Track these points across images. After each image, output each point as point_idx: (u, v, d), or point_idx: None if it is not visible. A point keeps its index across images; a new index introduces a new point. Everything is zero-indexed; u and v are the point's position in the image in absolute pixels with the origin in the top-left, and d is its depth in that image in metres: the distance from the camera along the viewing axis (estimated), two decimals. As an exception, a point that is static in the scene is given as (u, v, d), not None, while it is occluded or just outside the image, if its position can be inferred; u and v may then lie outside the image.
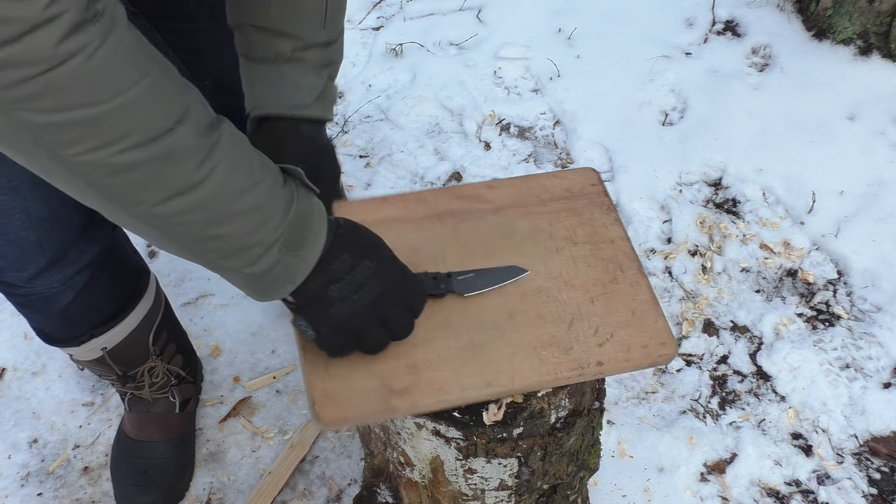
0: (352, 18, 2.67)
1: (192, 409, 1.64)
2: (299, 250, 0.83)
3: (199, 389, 1.71)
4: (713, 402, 1.67)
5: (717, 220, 1.98)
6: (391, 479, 1.26)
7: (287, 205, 0.82)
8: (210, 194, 0.75)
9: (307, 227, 0.84)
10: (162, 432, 1.56)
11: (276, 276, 0.84)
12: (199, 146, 0.74)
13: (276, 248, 0.81)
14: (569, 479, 1.20)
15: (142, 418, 1.56)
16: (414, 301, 0.94)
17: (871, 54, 2.25)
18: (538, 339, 0.97)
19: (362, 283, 0.88)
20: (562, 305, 1.01)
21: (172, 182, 0.73)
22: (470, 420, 0.98)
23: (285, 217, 0.82)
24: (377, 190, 2.11)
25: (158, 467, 1.55)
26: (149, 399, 1.54)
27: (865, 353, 1.72)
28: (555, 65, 2.38)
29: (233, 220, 0.78)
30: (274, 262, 0.82)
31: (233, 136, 0.79)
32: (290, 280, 0.85)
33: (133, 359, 1.43)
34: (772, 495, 1.53)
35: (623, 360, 0.97)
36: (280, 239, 0.81)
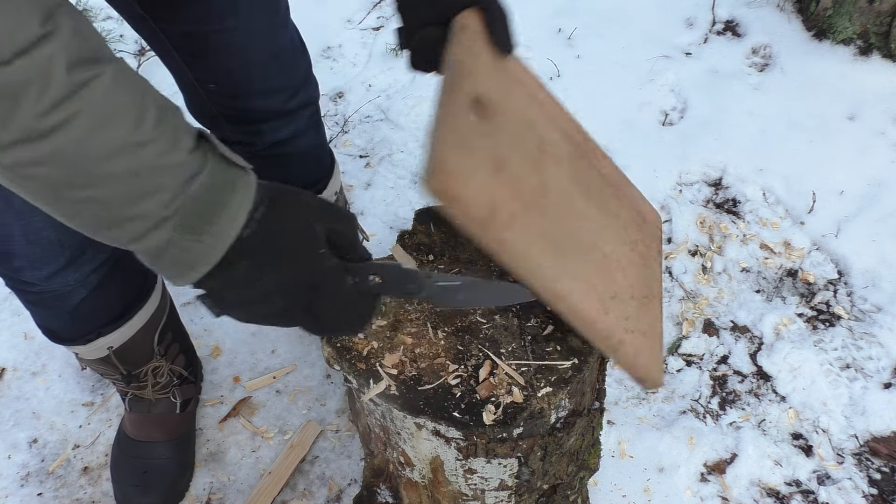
0: (352, 18, 2.67)
1: (192, 409, 1.64)
2: (201, 235, 0.69)
3: (199, 390, 1.71)
4: (713, 403, 1.67)
5: (717, 220, 1.98)
6: (391, 479, 1.26)
7: (189, 177, 0.68)
8: (65, 148, 0.61)
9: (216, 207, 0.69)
10: (163, 432, 1.56)
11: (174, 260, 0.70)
12: (57, 81, 0.59)
13: (169, 227, 0.68)
14: (569, 479, 1.20)
15: (142, 418, 1.56)
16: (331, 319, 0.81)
17: (871, 54, 2.25)
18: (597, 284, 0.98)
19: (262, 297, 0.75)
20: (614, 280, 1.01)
21: (10, 124, 0.59)
22: (470, 420, 0.98)
23: (183, 191, 0.68)
24: (377, 190, 2.11)
25: (159, 468, 1.54)
26: (150, 399, 1.54)
27: (866, 353, 1.72)
28: (555, 65, 2.38)
29: (101, 184, 0.65)
30: (165, 242, 0.69)
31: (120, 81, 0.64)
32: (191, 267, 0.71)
33: (138, 358, 1.43)
34: (772, 495, 1.53)
35: (631, 356, 0.99)
36: (174, 216, 0.68)
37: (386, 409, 1.03)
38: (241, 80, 1.26)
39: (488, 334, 1.07)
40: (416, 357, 1.05)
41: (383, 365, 1.03)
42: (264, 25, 1.22)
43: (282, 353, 1.78)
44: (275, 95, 1.30)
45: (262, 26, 1.22)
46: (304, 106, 1.38)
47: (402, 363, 1.04)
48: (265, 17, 1.22)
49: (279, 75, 1.29)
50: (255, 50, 1.23)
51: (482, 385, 1.01)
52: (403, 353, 1.05)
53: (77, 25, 0.63)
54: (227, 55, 1.22)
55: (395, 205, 2.08)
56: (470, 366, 1.04)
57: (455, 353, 1.05)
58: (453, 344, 1.06)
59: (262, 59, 1.25)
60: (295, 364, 1.76)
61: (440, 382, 1.02)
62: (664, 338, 1.78)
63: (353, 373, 1.03)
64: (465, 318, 1.09)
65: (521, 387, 1.01)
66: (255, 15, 1.20)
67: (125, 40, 2.56)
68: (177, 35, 1.20)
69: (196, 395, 1.65)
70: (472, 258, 1.17)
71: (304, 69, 1.37)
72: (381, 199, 2.09)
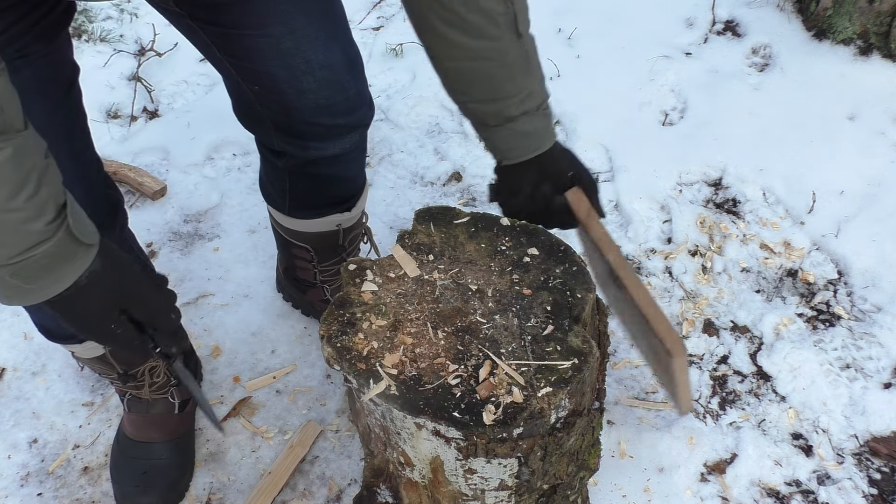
0: (352, 18, 2.67)
1: (191, 409, 1.64)
2: (32, 285, 0.86)
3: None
4: (713, 403, 1.67)
5: (717, 220, 1.98)
6: (391, 479, 1.26)
7: (37, 243, 0.82)
8: None
9: (47, 271, 0.85)
10: (161, 433, 1.56)
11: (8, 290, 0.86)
12: None
13: (7, 272, 0.83)
14: (569, 479, 1.19)
15: (141, 419, 1.56)
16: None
17: (871, 54, 2.25)
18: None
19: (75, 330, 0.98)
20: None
21: None
22: (470, 420, 0.98)
23: (30, 252, 0.82)
24: (377, 190, 2.11)
25: (158, 468, 1.54)
26: (148, 399, 1.54)
27: (866, 353, 1.72)
28: (555, 65, 2.38)
29: None
30: (4, 280, 0.84)
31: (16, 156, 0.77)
32: (22, 299, 0.88)
33: (134, 358, 1.43)
34: (772, 495, 1.53)
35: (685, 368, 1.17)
36: (15, 267, 0.82)
37: (386, 409, 1.03)
38: (286, 89, 1.21)
39: (488, 334, 1.07)
40: (416, 357, 1.05)
41: (383, 365, 1.03)
42: (314, 37, 1.18)
43: (282, 353, 1.78)
44: (326, 110, 1.26)
45: (312, 37, 1.18)
46: (356, 126, 1.34)
47: (402, 363, 1.04)
48: (315, 29, 1.18)
49: (332, 87, 1.24)
50: (301, 60, 1.18)
51: (482, 385, 1.01)
52: (403, 353, 1.05)
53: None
54: (270, 61, 1.18)
55: (395, 205, 2.08)
56: (470, 366, 1.04)
57: (455, 353, 1.05)
58: (453, 344, 1.06)
59: (308, 70, 1.20)
60: (295, 364, 1.76)
61: (440, 382, 1.02)
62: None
63: (353, 373, 1.03)
64: (465, 318, 1.09)
65: (521, 387, 1.01)
66: (303, 24, 1.16)
67: (125, 40, 2.56)
68: (216, 34, 1.18)
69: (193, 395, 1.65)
70: (471, 258, 1.17)
71: (360, 86, 1.30)
72: (381, 199, 2.09)
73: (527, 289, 1.12)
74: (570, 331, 1.06)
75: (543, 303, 1.10)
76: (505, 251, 1.17)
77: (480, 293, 1.12)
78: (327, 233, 1.54)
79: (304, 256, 1.63)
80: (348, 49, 1.26)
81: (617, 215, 2.02)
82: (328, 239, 1.56)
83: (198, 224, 2.08)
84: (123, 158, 2.22)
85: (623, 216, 2.01)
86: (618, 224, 2.00)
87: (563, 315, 1.08)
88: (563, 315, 1.08)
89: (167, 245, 2.02)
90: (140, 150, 2.26)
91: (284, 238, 1.61)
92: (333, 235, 1.55)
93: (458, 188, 2.11)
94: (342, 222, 1.52)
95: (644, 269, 1.90)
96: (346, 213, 1.50)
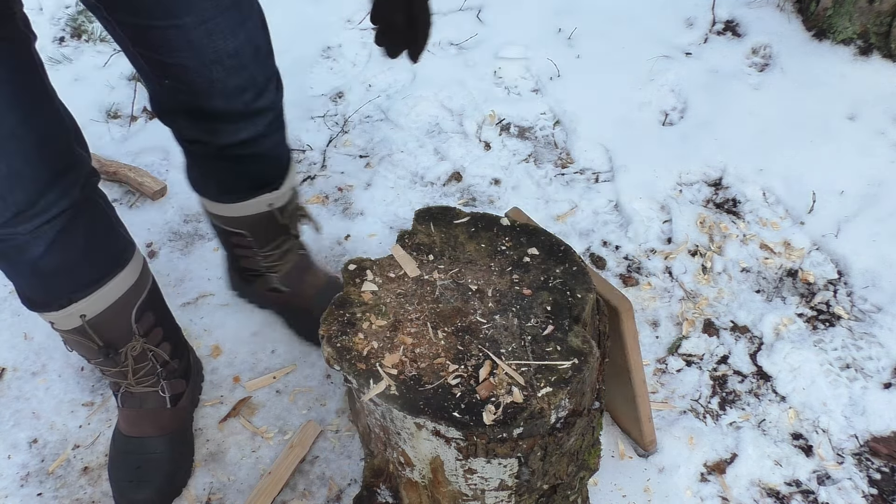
0: (352, 18, 2.67)
1: (184, 404, 1.63)
2: None
3: (198, 389, 1.71)
4: (713, 403, 1.67)
5: (717, 220, 1.98)
6: (391, 479, 1.26)
7: None
8: None
9: None
10: (154, 427, 1.56)
11: None
12: None
13: None
14: (569, 479, 1.19)
15: (134, 414, 1.56)
16: None
17: (871, 54, 2.25)
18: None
19: None
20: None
21: None
22: (470, 420, 0.98)
23: None
24: (377, 190, 2.11)
25: (152, 462, 1.55)
26: (137, 391, 1.53)
27: (866, 353, 1.72)
28: (555, 65, 2.38)
29: None
30: None
31: None
32: None
33: (115, 333, 1.43)
34: (772, 495, 1.53)
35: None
36: None
37: (386, 409, 1.03)
38: (195, 79, 1.25)
39: (488, 334, 1.07)
40: (416, 357, 1.05)
41: (383, 365, 1.03)
42: (223, 26, 1.21)
43: (282, 353, 1.78)
44: (235, 97, 1.30)
45: (221, 26, 1.21)
46: (265, 110, 1.37)
47: (402, 363, 1.04)
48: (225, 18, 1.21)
49: (239, 76, 1.27)
50: (210, 50, 1.21)
51: (482, 385, 1.01)
52: (403, 353, 1.05)
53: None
54: (180, 52, 1.21)
55: (395, 205, 2.08)
56: (470, 366, 1.04)
57: (455, 353, 1.05)
58: (453, 344, 1.06)
59: (217, 60, 1.23)
60: (295, 364, 1.76)
61: (440, 382, 1.02)
62: (666, 338, 1.79)
63: (353, 373, 1.03)
64: (465, 318, 1.09)
65: (521, 387, 1.01)
66: (213, 14, 1.19)
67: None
68: (129, 26, 1.20)
69: (189, 391, 1.65)
70: (471, 258, 1.17)
71: (269, 72, 1.34)
72: (381, 199, 2.09)
73: (527, 289, 1.12)
74: (570, 331, 1.06)
75: (543, 303, 1.10)
76: (505, 251, 1.17)
77: (480, 293, 1.12)
78: (261, 215, 1.55)
79: (243, 244, 1.63)
80: (256, 36, 1.29)
81: (617, 215, 2.02)
82: (263, 221, 1.57)
83: (198, 224, 2.08)
84: (123, 158, 2.23)
85: (623, 216, 2.01)
86: (618, 224, 2.00)
87: (563, 315, 1.08)
88: (563, 315, 1.08)
89: (167, 245, 2.02)
90: (140, 150, 2.26)
91: (220, 227, 1.62)
92: (268, 217, 1.56)
93: (458, 188, 2.12)
94: (273, 201, 1.53)
95: (644, 269, 1.90)
96: (274, 191, 1.52)
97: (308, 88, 2.43)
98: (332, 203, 2.10)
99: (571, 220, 2.00)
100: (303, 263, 1.75)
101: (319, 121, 2.33)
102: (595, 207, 2.03)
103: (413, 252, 1.18)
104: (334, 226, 2.03)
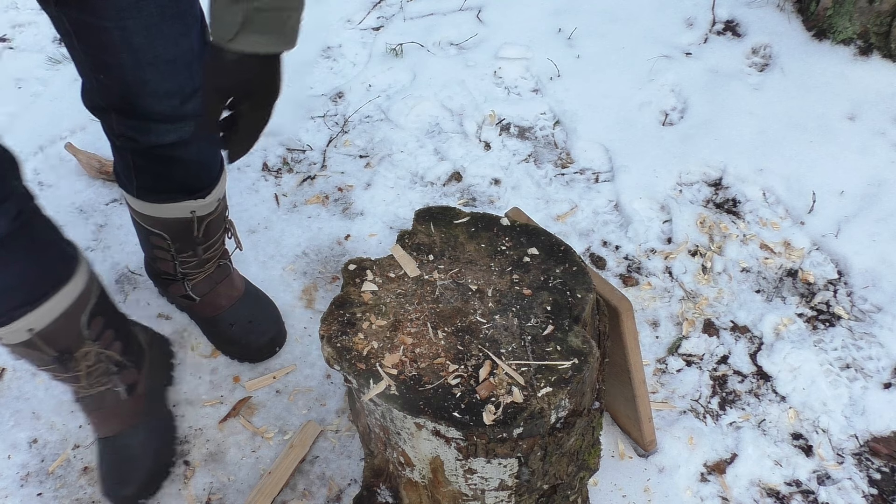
0: (352, 18, 2.67)
1: (142, 391, 1.61)
2: None
3: (167, 367, 1.73)
4: (713, 403, 1.67)
5: (717, 220, 1.98)
6: (391, 479, 1.26)
7: None
8: None
9: None
10: (121, 422, 1.56)
11: None
12: None
13: None
14: (569, 479, 1.19)
15: (99, 415, 1.56)
16: None
17: (872, 54, 2.25)
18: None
19: None
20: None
21: None
22: (470, 420, 0.98)
23: None
24: (377, 190, 2.11)
25: (127, 457, 1.55)
26: (93, 393, 1.52)
27: (866, 353, 1.72)
28: (555, 65, 2.38)
29: None
30: None
31: None
32: None
33: (66, 342, 1.42)
34: (772, 495, 1.53)
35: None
36: None
37: (386, 409, 1.03)
38: (132, 80, 1.28)
39: (488, 334, 1.07)
40: (416, 357, 1.05)
41: (383, 365, 1.03)
42: (166, 32, 1.25)
43: (282, 353, 1.78)
44: (166, 99, 1.32)
45: (164, 33, 1.24)
46: (191, 116, 1.38)
47: (402, 363, 1.04)
48: (168, 25, 1.24)
49: (173, 80, 1.30)
50: (150, 55, 1.25)
51: (482, 385, 1.01)
52: (403, 353, 1.05)
53: None
54: (121, 54, 1.24)
55: (395, 205, 2.08)
56: (470, 366, 1.04)
57: (455, 353, 1.05)
58: (453, 344, 1.06)
59: (155, 63, 1.27)
60: (295, 364, 1.76)
61: (440, 382, 1.02)
62: (666, 338, 1.79)
63: (353, 373, 1.03)
64: (465, 318, 1.09)
65: (521, 387, 1.01)
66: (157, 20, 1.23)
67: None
68: (77, 22, 1.23)
69: (142, 376, 1.62)
70: (471, 258, 1.17)
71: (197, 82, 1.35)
72: (381, 199, 2.09)
73: (527, 289, 1.12)
74: (570, 331, 1.06)
75: (543, 303, 1.10)
76: (505, 251, 1.17)
77: (480, 293, 1.12)
78: (182, 220, 1.54)
79: (161, 245, 1.61)
80: (197, 43, 1.32)
81: (617, 215, 2.02)
82: (183, 226, 1.56)
83: (198, 224, 2.08)
84: (123, 158, 2.23)
85: (623, 216, 2.01)
86: (618, 224, 2.00)
87: (563, 315, 1.08)
88: (563, 315, 1.08)
89: (167, 245, 2.03)
90: (140, 150, 2.26)
91: (140, 225, 1.60)
92: (189, 223, 1.55)
93: (458, 188, 2.12)
94: (196, 209, 1.53)
95: (644, 269, 1.90)
96: (199, 199, 1.51)
97: (308, 88, 2.43)
98: (332, 203, 2.10)
99: (571, 220, 2.00)
100: (220, 274, 1.73)
101: (319, 121, 2.33)
102: (595, 207, 2.03)
103: (413, 252, 1.18)
104: (334, 226, 2.03)
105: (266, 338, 1.75)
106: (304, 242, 2.00)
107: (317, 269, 1.94)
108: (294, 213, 2.07)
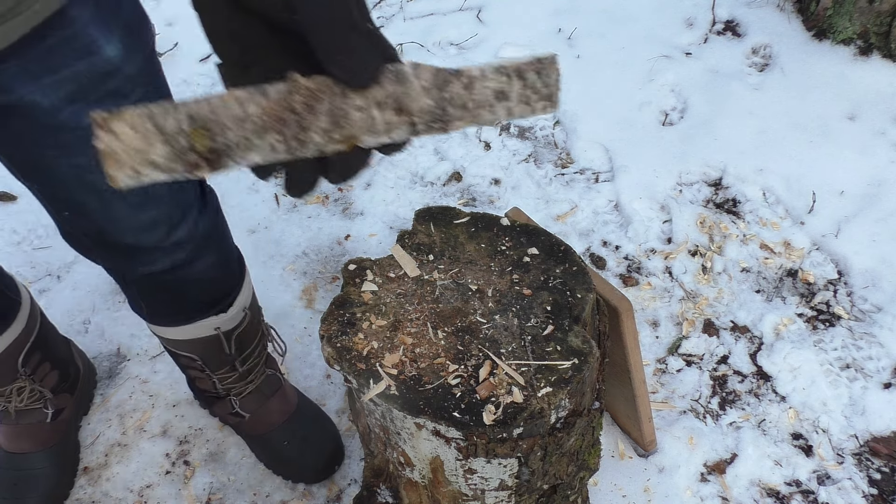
0: (352, 18, 2.67)
1: (66, 417, 1.58)
2: None
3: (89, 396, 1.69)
4: (713, 403, 1.67)
5: (717, 220, 1.98)
6: (391, 479, 1.26)
7: None
8: None
9: None
10: (33, 443, 1.53)
11: None
12: None
13: None
14: (569, 479, 1.19)
15: (12, 430, 1.52)
16: None
17: (872, 54, 2.25)
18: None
19: None
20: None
21: None
22: (470, 420, 0.98)
23: None
24: (377, 190, 2.11)
25: (30, 480, 1.51)
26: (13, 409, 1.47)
27: (866, 353, 1.72)
28: (555, 65, 2.38)
29: None
30: None
31: None
32: None
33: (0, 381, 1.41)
34: (772, 495, 1.53)
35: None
36: None
37: (386, 409, 1.03)
38: (97, 217, 1.07)
39: (488, 334, 1.07)
40: (416, 357, 1.05)
41: (383, 365, 1.03)
42: None
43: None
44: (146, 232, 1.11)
45: None
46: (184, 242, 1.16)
47: (402, 363, 1.04)
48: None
49: (147, 213, 1.09)
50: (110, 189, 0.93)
51: (482, 385, 1.01)
52: (403, 353, 1.05)
53: None
54: (76, 189, 1.02)
55: (395, 205, 2.08)
56: (470, 366, 1.04)
57: (455, 353, 1.05)
58: (453, 344, 1.06)
59: (121, 197, 1.03)
60: (295, 364, 1.76)
61: (440, 382, 1.02)
62: (666, 338, 1.78)
63: (353, 373, 1.03)
64: (465, 318, 1.09)
65: (521, 387, 1.01)
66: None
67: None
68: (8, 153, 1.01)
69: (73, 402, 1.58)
70: (471, 258, 1.17)
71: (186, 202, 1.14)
72: (381, 199, 2.09)
73: (527, 289, 1.12)
74: (570, 331, 1.06)
75: (543, 303, 1.10)
76: (505, 251, 1.17)
77: (480, 293, 1.12)
78: (209, 338, 1.35)
79: (194, 366, 1.43)
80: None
81: (617, 215, 2.02)
82: (212, 344, 1.36)
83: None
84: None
85: (623, 216, 2.01)
86: (618, 224, 2.00)
87: (563, 315, 1.08)
88: (563, 315, 1.08)
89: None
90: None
91: (167, 349, 1.43)
92: (217, 340, 1.36)
93: (458, 188, 2.12)
94: (221, 325, 1.33)
95: (644, 269, 1.90)
96: (221, 314, 1.32)
97: (308, 88, 2.43)
98: (332, 203, 2.10)
99: (571, 220, 2.00)
100: (269, 387, 1.56)
101: (319, 121, 2.33)
102: (595, 207, 2.03)
103: (413, 252, 1.18)
104: (334, 226, 2.03)
105: (324, 456, 1.57)
106: (305, 242, 2.00)
107: (317, 269, 1.95)
108: (294, 213, 2.08)
